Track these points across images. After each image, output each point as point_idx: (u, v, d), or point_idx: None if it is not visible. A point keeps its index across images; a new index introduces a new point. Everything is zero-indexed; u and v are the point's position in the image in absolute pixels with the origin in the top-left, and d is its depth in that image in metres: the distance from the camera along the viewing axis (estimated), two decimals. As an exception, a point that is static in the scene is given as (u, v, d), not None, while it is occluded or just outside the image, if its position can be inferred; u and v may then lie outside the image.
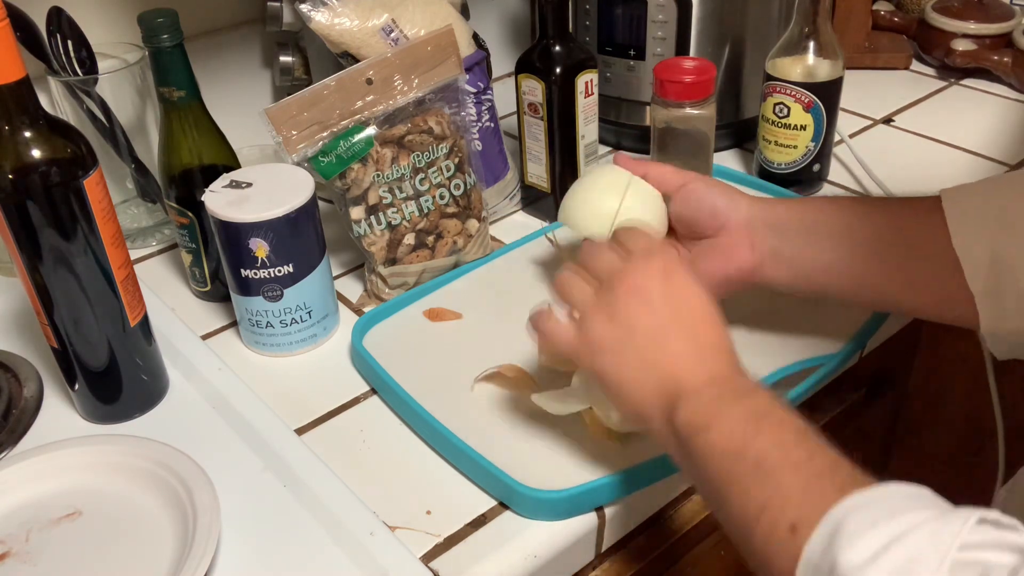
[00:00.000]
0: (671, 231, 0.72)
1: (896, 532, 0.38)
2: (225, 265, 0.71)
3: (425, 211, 0.77)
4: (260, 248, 0.68)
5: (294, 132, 0.72)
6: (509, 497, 0.59)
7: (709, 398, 0.49)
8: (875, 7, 1.23)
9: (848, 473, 0.43)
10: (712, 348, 0.53)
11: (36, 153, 0.58)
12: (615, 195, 0.70)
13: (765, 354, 0.70)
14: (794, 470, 0.44)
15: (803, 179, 0.92)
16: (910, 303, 0.65)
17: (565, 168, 0.87)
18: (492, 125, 0.88)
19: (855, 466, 0.44)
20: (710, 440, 0.47)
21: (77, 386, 0.67)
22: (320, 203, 0.73)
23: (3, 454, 0.65)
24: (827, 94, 0.88)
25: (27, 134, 0.57)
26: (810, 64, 0.88)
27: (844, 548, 0.38)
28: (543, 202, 0.90)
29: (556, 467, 0.61)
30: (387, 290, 0.79)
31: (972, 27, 1.13)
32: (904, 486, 0.41)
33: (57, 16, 0.79)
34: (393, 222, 0.76)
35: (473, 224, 0.80)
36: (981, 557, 0.36)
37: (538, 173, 0.89)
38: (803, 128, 0.89)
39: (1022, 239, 0.55)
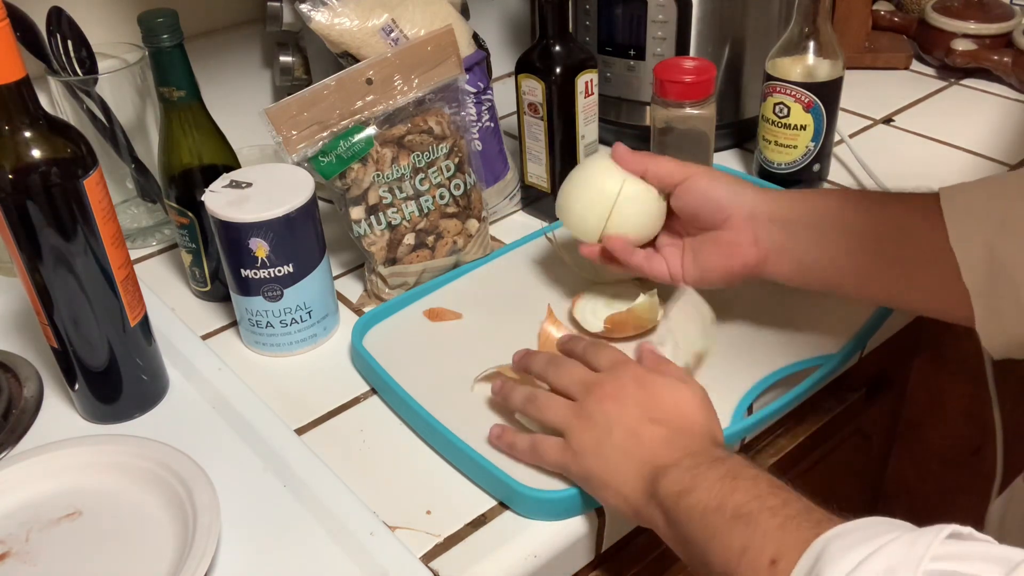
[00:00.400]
0: (673, 222, 0.71)
1: (873, 548, 0.40)
2: (225, 265, 0.71)
3: (425, 211, 0.77)
4: (260, 248, 0.68)
5: (294, 132, 0.72)
6: (509, 497, 0.59)
7: (687, 467, 0.52)
8: (875, 7, 1.23)
9: (822, 514, 0.46)
10: (686, 432, 0.56)
11: (36, 153, 0.58)
12: (606, 199, 0.69)
13: (765, 354, 0.70)
14: (771, 514, 0.46)
15: (803, 179, 0.92)
16: (911, 300, 0.65)
17: (565, 168, 0.87)
18: (492, 125, 0.88)
19: (830, 512, 0.46)
20: (690, 503, 0.50)
21: (77, 386, 0.67)
22: (320, 203, 0.73)
23: (3, 454, 0.65)
24: (827, 94, 0.88)
25: (27, 134, 0.57)
26: (810, 64, 0.88)
27: (825, 570, 0.41)
28: (543, 202, 0.90)
29: (556, 467, 0.61)
30: (387, 290, 0.79)
31: (972, 27, 1.13)
32: (880, 518, 0.44)
33: (57, 16, 0.79)
34: (393, 222, 0.76)
35: (473, 224, 0.80)
36: (953, 567, 0.38)
37: (538, 173, 0.89)
38: (803, 128, 0.89)
39: (1019, 239, 0.56)
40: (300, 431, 0.66)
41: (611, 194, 0.69)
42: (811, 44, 0.87)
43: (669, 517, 0.52)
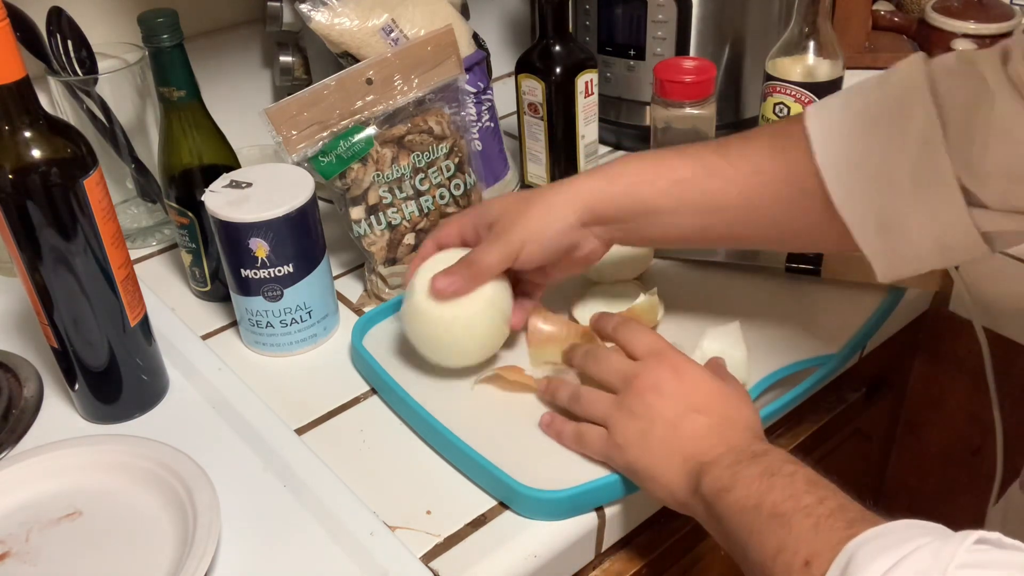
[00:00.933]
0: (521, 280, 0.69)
1: (903, 553, 0.41)
2: (225, 265, 0.71)
3: (425, 211, 0.77)
4: (260, 248, 0.68)
5: (294, 132, 0.72)
6: (509, 497, 0.59)
7: (727, 464, 0.53)
8: (875, 7, 1.22)
9: (857, 512, 0.47)
10: (726, 423, 0.57)
11: (36, 153, 0.58)
12: (460, 326, 0.65)
13: (765, 354, 0.70)
14: (805, 514, 0.47)
15: (803, 179, 0.92)
16: (783, 247, 0.71)
17: (565, 168, 0.87)
18: (492, 125, 0.88)
19: (863, 507, 0.47)
20: (731, 500, 0.51)
21: (77, 386, 0.67)
22: (320, 203, 0.73)
23: (3, 454, 0.65)
24: (827, 94, 0.87)
25: (27, 134, 0.57)
26: (810, 64, 0.88)
27: (856, 573, 0.41)
28: (543, 202, 0.90)
29: (556, 467, 0.61)
30: (387, 290, 0.79)
31: (972, 27, 1.13)
32: (913, 520, 0.44)
33: (57, 16, 0.79)
34: (393, 222, 0.76)
35: (473, 224, 0.80)
36: (978, 574, 0.39)
37: (538, 173, 0.89)
38: (803, 128, 0.89)
39: (900, 195, 0.55)
40: (300, 431, 0.66)
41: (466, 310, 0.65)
42: (811, 44, 0.87)
43: (711, 513, 0.53)
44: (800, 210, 0.60)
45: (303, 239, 0.70)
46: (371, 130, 0.74)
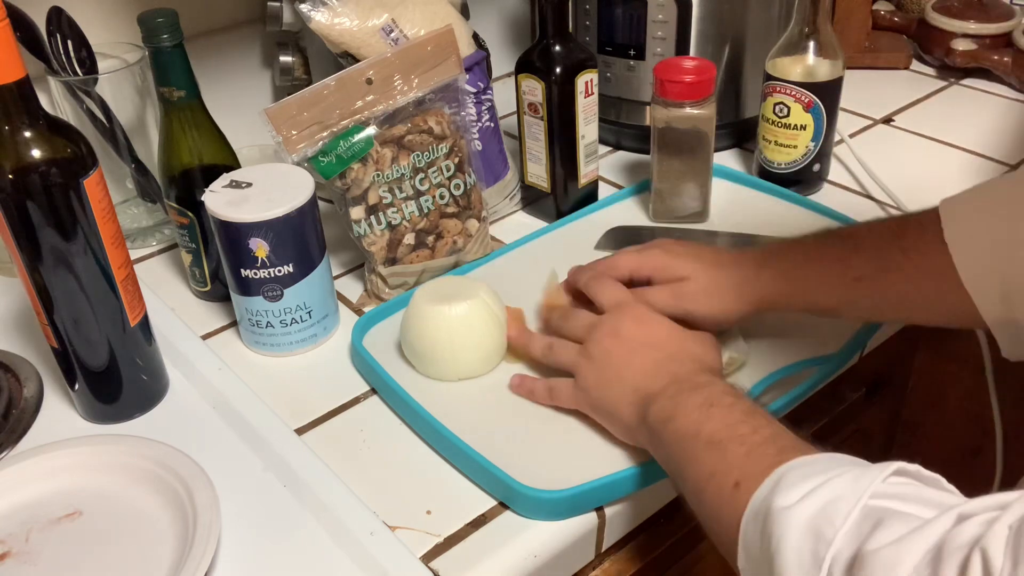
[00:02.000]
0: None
1: (823, 479, 0.43)
2: (225, 265, 0.71)
3: (425, 211, 0.77)
4: (260, 248, 0.68)
5: (294, 132, 0.72)
6: (509, 497, 0.59)
7: (671, 394, 0.57)
8: (875, 7, 1.23)
9: (789, 440, 0.50)
10: (675, 357, 0.61)
11: (36, 153, 0.58)
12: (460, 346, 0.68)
13: (765, 354, 0.70)
14: (739, 442, 0.50)
15: (803, 179, 0.92)
16: (912, 321, 0.70)
17: (565, 168, 0.87)
18: (492, 125, 0.88)
19: (798, 437, 0.50)
20: (672, 428, 0.55)
21: (77, 386, 0.67)
22: (320, 203, 0.73)
23: (3, 454, 0.65)
24: (827, 94, 0.88)
25: (27, 134, 0.57)
26: (810, 64, 0.88)
27: (778, 495, 0.44)
28: (543, 202, 0.90)
29: (556, 467, 0.61)
30: (387, 290, 0.79)
31: (972, 27, 1.13)
32: (843, 455, 0.47)
33: (57, 16, 0.79)
34: (393, 222, 0.76)
35: (473, 224, 0.80)
36: (890, 505, 0.41)
37: (538, 173, 0.89)
38: (803, 128, 0.89)
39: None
40: (300, 431, 0.66)
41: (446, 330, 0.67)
42: (811, 44, 0.87)
43: (655, 441, 0.57)
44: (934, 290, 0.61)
45: (303, 239, 0.70)
46: (371, 130, 0.74)
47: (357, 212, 0.75)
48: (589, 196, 0.91)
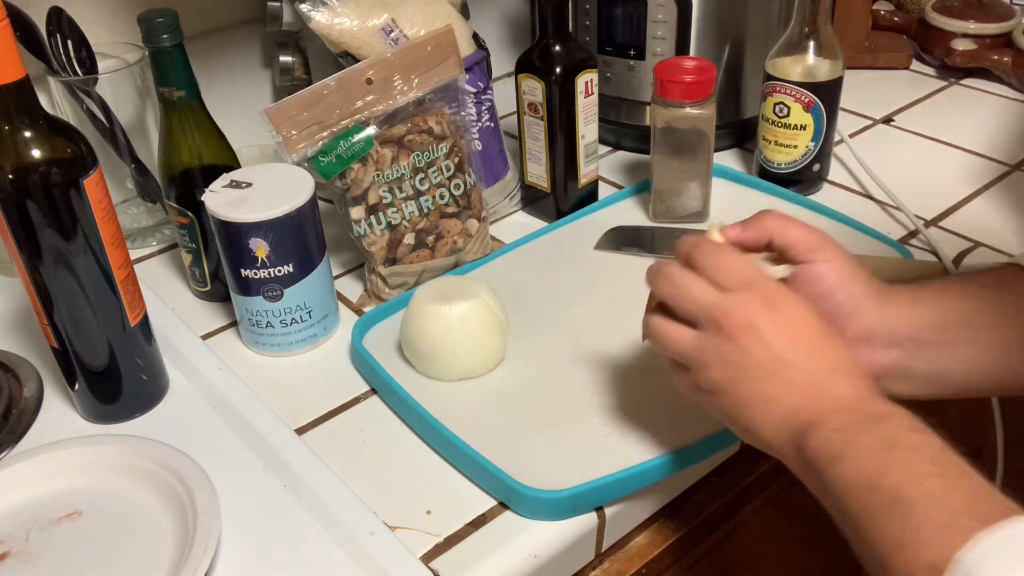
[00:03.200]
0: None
1: None
2: (225, 265, 0.71)
3: (425, 211, 0.77)
4: (260, 248, 0.68)
5: (294, 132, 0.72)
6: (509, 497, 0.59)
7: (837, 427, 0.47)
8: (875, 7, 1.23)
9: (989, 502, 0.41)
10: (833, 372, 0.50)
11: (36, 153, 0.58)
12: (462, 346, 0.67)
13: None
14: (930, 503, 0.41)
15: (803, 179, 0.92)
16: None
17: (565, 168, 0.87)
18: (492, 125, 0.88)
19: (995, 490, 0.42)
20: (842, 472, 0.45)
21: (77, 386, 0.67)
22: (320, 203, 0.73)
23: (3, 454, 0.65)
24: (827, 94, 0.88)
25: (27, 134, 0.57)
26: (810, 64, 0.88)
27: None
28: (543, 202, 0.90)
29: (556, 467, 0.61)
30: (387, 290, 0.79)
31: (972, 27, 1.13)
32: None
33: (57, 16, 0.79)
34: (393, 222, 0.76)
35: (473, 224, 0.80)
36: None
37: (538, 173, 0.89)
38: (803, 128, 0.89)
39: None
40: (300, 431, 0.66)
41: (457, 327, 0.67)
42: (811, 44, 0.87)
43: (814, 479, 0.47)
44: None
45: (303, 239, 0.70)
46: (371, 130, 0.74)
47: (357, 212, 0.75)
48: (589, 196, 0.91)
